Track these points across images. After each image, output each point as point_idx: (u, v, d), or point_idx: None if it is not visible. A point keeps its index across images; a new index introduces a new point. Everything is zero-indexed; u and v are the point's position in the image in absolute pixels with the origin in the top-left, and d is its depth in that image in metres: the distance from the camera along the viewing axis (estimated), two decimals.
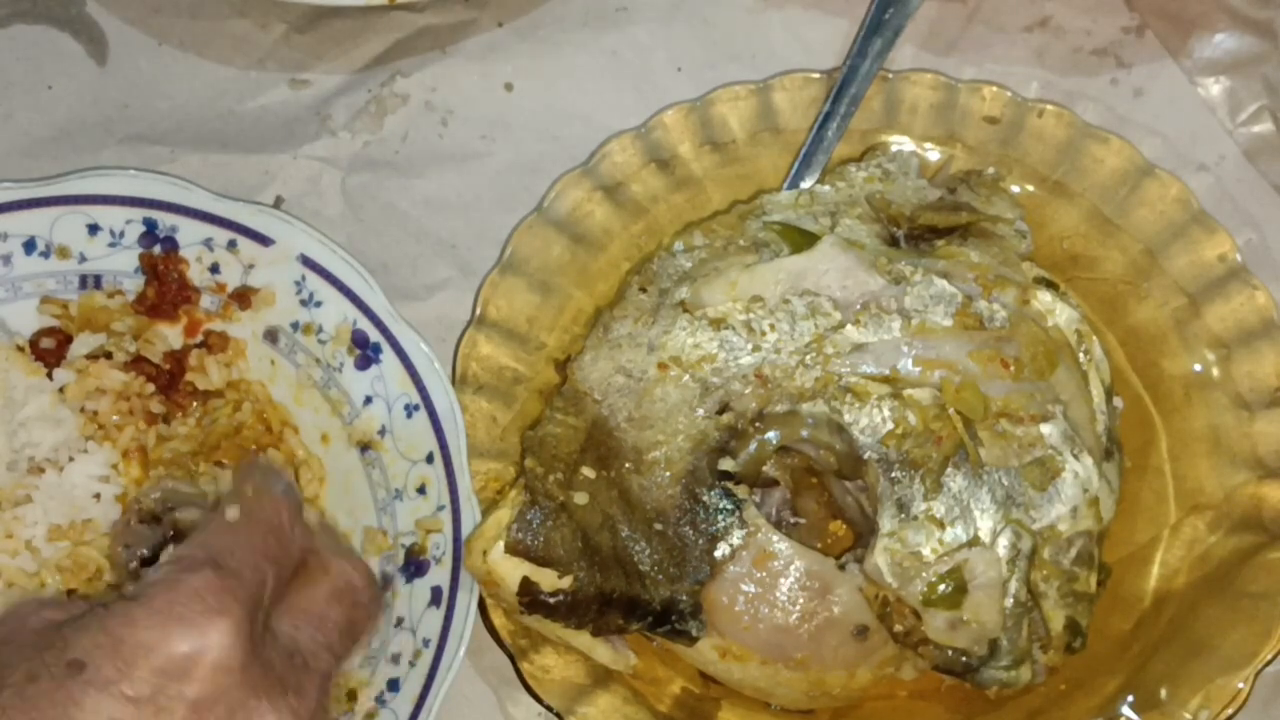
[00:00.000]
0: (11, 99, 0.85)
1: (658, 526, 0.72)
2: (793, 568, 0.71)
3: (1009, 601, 0.71)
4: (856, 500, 0.74)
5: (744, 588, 0.71)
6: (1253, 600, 0.74)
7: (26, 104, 0.85)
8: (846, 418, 0.72)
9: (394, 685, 0.73)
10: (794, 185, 0.82)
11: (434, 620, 0.73)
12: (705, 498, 0.72)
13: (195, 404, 0.78)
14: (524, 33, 0.88)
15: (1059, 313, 0.77)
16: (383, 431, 0.76)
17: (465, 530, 0.73)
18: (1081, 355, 0.76)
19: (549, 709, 0.73)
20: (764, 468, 0.74)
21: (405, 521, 0.75)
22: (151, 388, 0.77)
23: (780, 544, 0.71)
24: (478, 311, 0.79)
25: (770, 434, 0.73)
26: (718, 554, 0.71)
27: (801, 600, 0.71)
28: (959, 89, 0.83)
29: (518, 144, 0.86)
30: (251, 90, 0.86)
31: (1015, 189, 0.83)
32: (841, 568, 0.71)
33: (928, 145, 0.84)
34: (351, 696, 0.73)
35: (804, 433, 0.73)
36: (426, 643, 0.73)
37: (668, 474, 0.72)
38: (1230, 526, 0.77)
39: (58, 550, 0.73)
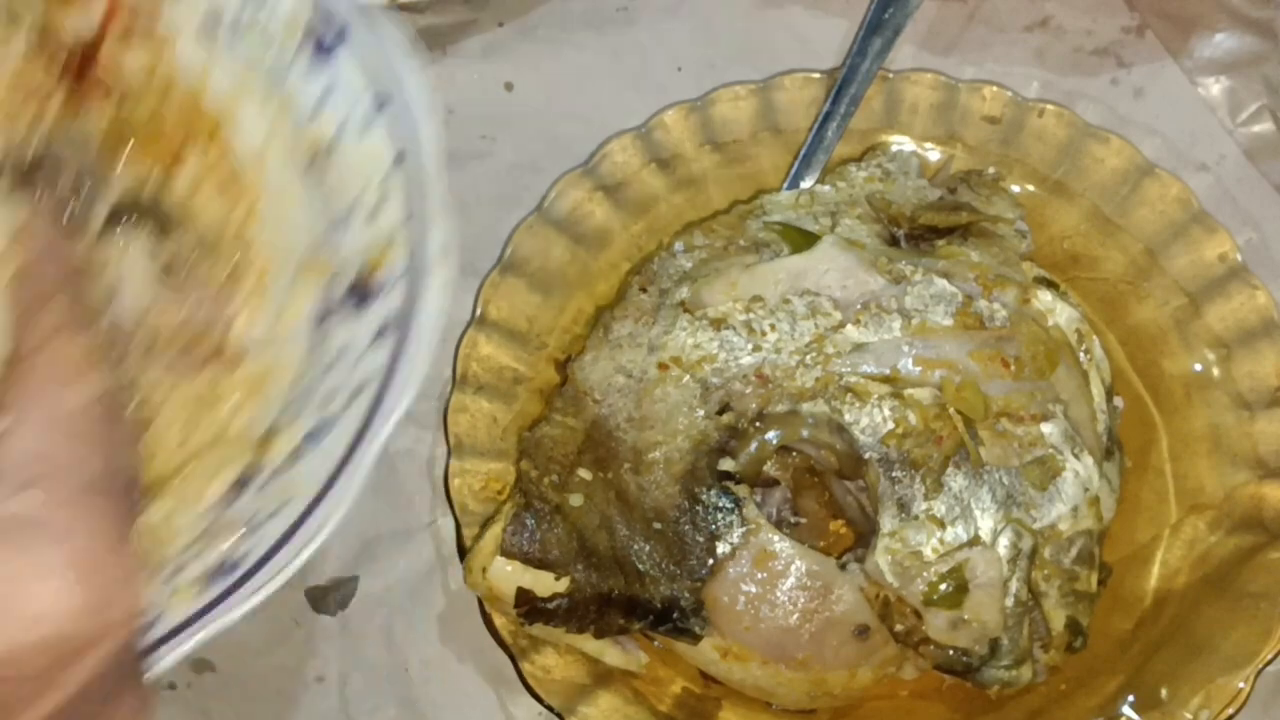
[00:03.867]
0: None
1: (656, 526, 0.72)
2: (793, 567, 0.71)
3: (1010, 601, 0.71)
4: (857, 500, 0.74)
5: (745, 588, 0.71)
6: (1253, 600, 0.74)
7: None
8: (847, 417, 0.72)
9: (327, 425, 0.59)
10: (794, 185, 0.82)
11: (379, 356, 0.59)
12: (705, 497, 0.72)
13: (110, 99, 0.62)
14: (524, 33, 0.88)
15: (1059, 312, 0.77)
16: (338, 136, 0.62)
17: (433, 250, 0.59)
18: (1082, 355, 0.77)
19: (549, 709, 0.73)
20: (764, 467, 0.74)
21: (355, 243, 0.61)
22: (57, 77, 0.61)
23: (781, 544, 0.71)
24: (478, 311, 0.79)
25: (770, 434, 0.73)
26: (718, 552, 0.71)
27: (802, 600, 0.71)
28: (959, 89, 0.83)
29: (518, 144, 0.86)
30: None
31: (1015, 189, 0.83)
32: (842, 567, 0.71)
33: (928, 145, 0.84)
34: (265, 442, 0.60)
35: (804, 433, 0.73)
36: (366, 383, 0.59)
37: (667, 474, 0.72)
38: (1231, 526, 0.77)
39: None
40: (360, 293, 0.61)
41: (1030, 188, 0.83)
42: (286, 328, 0.62)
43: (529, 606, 0.70)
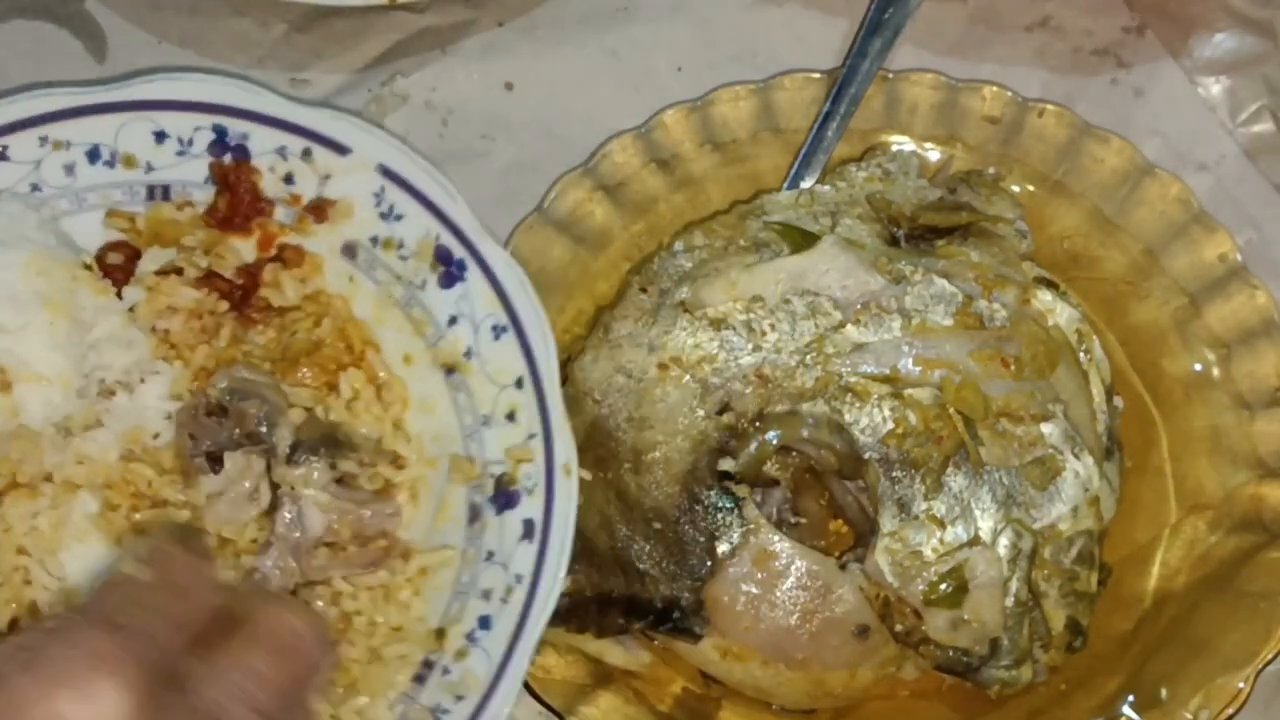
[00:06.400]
0: None
1: (656, 526, 0.72)
2: (793, 567, 0.71)
3: (1010, 601, 0.71)
4: (857, 500, 0.74)
5: (745, 588, 0.71)
6: (1253, 600, 0.74)
7: None
8: (847, 417, 0.72)
9: (485, 623, 0.69)
10: (794, 185, 0.82)
11: (527, 555, 0.69)
12: (705, 497, 0.72)
13: (272, 319, 0.74)
14: (524, 33, 0.88)
15: (1059, 312, 0.77)
16: (469, 354, 0.72)
17: (559, 460, 0.69)
18: (1082, 355, 0.77)
19: (550, 709, 0.73)
20: (764, 467, 0.74)
21: (494, 449, 0.71)
22: (225, 305, 0.73)
23: (781, 544, 0.71)
24: None
25: (770, 434, 0.73)
26: (718, 552, 0.71)
27: (802, 600, 0.71)
28: (959, 89, 0.83)
29: (518, 144, 0.86)
30: None
31: (1015, 189, 0.83)
32: (842, 567, 0.71)
33: (928, 145, 0.84)
34: (439, 635, 0.71)
35: (804, 432, 0.73)
36: (519, 578, 0.69)
37: (667, 474, 0.72)
38: (1230, 526, 0.77)
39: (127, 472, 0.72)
40: (505, 496, 0.71)
41: (1030, 188, 0.83)
42: (445, 526, 0.72)
43: None
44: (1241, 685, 0.72)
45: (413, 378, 0.74)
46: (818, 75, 0.84)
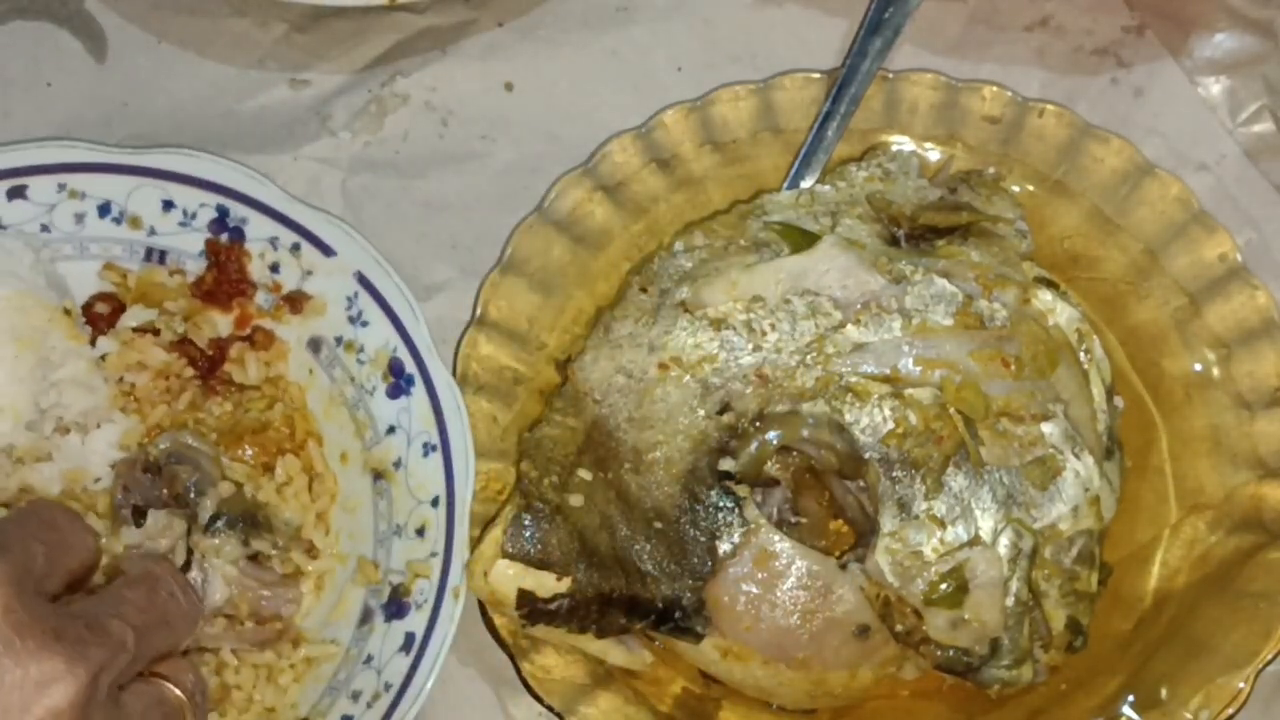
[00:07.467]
0: (10, 97, 0.85)
1: (657, 525, 0.72)
2: (794, 567, 0.71)
3: (1010, 601, 0.71)
4: (857, 500, 0.74)
5: (745, 588, 0.71)
6: (1253, 600, 0.74)
7: (25, 101, 0.85)
8: (847, 417, 0.72)
9: None
10: (794, 185, 0.82)
11: (400, 666, 0.73)
12: (705, 497, 0.72)
13: (231, 393, 0.79)
14: (524, 33, 0.88)
15: (1059, 312, 0.77)
16: (398, 464, 0.76)
17: (451, 583, 0.73)
18: (1082, 354, 0.77)
19: (549, 709, 0.73)
20: (764, 467, 0.74)
21: (398, 559, 0.75)
22: (191, 371, 0.78)
23: (781, 543, 0.71)
24: (478, 311, 0.79)
25: (771, 434, 0.73)
26: (719, 552, 0.71)
27: (803, 600, 0.71)
28: (959, 89, 0.83)
29: (518, 144, 0.86)
30: (251, 90, 0.86)
31: (1015, 189, 0.83)
32: (843, 567, 0.71)
33: (928, 145, 0.84)
34: None
35: (805, 432, 0.73)
36: (388, 687, 0.72)
37: (668, 474, 0.72)
38: (1230, 526, 0.77)
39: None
40: (396, 606, 0.74)
41: (1030, 188, 0.83)
42: (338, 622, 0.75)
43: (530, 608, 0.70)
44: (1241, 685, 0.72)
45: (344, 476, 0.78)
46: (818, 75, 0.84)
